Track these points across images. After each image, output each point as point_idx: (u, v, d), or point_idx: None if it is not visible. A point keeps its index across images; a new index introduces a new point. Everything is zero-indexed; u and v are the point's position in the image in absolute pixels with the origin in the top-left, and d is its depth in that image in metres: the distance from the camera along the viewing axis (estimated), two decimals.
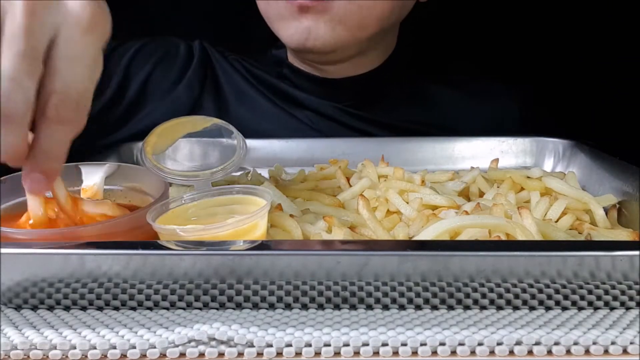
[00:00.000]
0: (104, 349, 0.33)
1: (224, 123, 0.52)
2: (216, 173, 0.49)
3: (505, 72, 0.95)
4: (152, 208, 0.42)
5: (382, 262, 0.34)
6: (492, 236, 0.43)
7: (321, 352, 0.33)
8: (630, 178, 0.53)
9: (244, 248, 0.35)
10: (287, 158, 0.70)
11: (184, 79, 0.81)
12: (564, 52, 1.01)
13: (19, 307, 0.38)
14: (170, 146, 0.50)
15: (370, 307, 0.37)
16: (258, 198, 0.45)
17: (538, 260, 0.34)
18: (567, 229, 0.48)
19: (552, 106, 0.92)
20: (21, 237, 0.40)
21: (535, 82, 0.96)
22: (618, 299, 0.36)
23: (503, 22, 1.01)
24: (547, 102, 0.92)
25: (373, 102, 0.80)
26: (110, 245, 0.36)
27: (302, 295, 0.36)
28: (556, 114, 0.89)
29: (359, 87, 0.79)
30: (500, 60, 1.02)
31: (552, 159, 0.69)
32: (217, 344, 0.33)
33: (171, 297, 0.36)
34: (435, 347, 0.33)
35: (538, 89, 0.92)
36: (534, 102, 0.89)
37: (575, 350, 0.33)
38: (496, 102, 0.85)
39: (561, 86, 0.96)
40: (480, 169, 0.60)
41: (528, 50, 1.02)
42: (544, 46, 1.02)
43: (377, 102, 0.80)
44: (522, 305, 0.37)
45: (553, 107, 0.92)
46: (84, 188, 0.50)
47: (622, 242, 0.44)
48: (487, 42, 1.03)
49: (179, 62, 0.82)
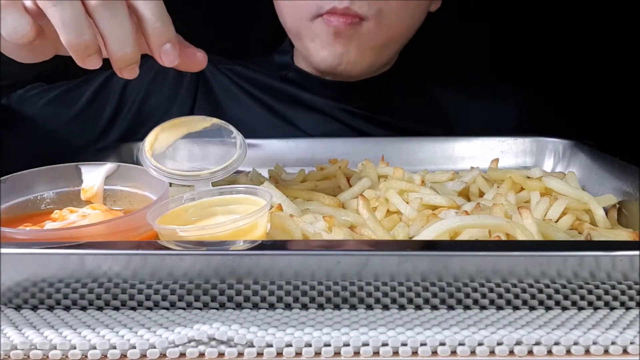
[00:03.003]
0: (104, 349, 0.33)
1: (223, 123, 0.52)
2: (216, 173, 0.49)
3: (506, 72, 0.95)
4: (152, 208, 0.42)
5: (382, 262, 0.34)
6: (492, 236, 0.43)
7: (321, 352, 0.33)
8: (630, 178, 0.53)
9: (244, 248, 0.35)
10: (287, 158, 0.70)
11: (178, 96, 0.82)
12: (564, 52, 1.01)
13: (19, 307, 0.37)
14: (170, 146, 0.50)
15: (370, 307, 0.37)
16: (258, 198, 0.45)
17: (538, 260, 0.34)
18: (567, 229, 0.48)
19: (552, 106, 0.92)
20: (21, 237, 0.40)
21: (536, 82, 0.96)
22: (618, 299, 0.36)
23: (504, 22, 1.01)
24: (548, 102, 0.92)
25: (382, 103, 0.80)
26: (110, 245, 0.36)
27: (302, 295, 0.36)
28: (556, 114, 0.89)
29: (369, 89, 0.79)
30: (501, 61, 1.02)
31: (552, 159, 0.69)
32: (217, 344, 0.33)
33: (171, 297, 0.36)
34: (435, 347, 0.33)
35: (538, 89, 0.92)
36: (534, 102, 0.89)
37: (575, 350, 0.33)
38: (496, 102, 0.85)
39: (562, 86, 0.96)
40: (480, 169, 0.60)
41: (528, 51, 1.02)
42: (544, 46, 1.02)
43: (385, 103, 0.81)
44: (522, 305, 0.37)
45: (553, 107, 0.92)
46: (83, 188, 0.50)
47: (622, 242, 0.44)
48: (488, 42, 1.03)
49: (170, 80, 0.82)
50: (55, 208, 0.48)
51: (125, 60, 0.43)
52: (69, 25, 0.40)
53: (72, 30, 0.41)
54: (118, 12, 0.41)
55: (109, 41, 0.42)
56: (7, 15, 0.40)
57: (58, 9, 0.40)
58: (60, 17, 0.40)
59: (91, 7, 0.41)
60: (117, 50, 0.42)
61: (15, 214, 0.47)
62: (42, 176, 0.49)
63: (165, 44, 0.44)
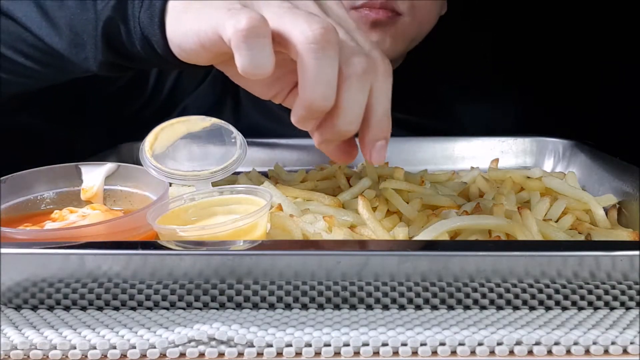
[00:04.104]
0: (104, 349, 0.33)
1: (223, 123, 0.52)
2: (216, 173, 0.49)
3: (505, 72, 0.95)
4: (152, 208, 0.42)
5: (382, 262, 0.34)
6: (492, 236, 0.43)
7: (321, 352, 0.33)
8: (630, 178, 0.53)
9: (244, 248, 0.35)
10: (287, 158, 0.70)
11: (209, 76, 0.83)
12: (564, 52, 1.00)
13: (19, 307, 0.37)
14: (170, 146, 0.50)
15: (370, 307, 0.37)
16: (258, 198, 0.45)
17: (538, 260, 0.34)
18: (567, 229, 0.48)
19: (552, 106, 0.92)
20: (21, 237, 0.40)
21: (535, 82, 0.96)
22: (618, 299, 0.36)
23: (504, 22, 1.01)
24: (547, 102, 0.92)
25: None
26: (110, 245, 0.36)
27: (302, 295, 0.36)
28: (556, 114, 0.89)
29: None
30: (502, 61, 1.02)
31: (552, 159, 0.69)
32: (217, 344, 0.33)
33: (171, 297, 0.36)
34: (435, 347, 0.33)
35: (538, 89, 0.92)
36: (534, 102, 0.89)
37: (575, 350, 0.33)
38: (497, 102, 0.85)
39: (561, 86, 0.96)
40: (480, 169, 0.60)
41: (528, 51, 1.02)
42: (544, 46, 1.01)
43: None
44: (522, 305, 0.37)
45: (553, 107, 0.92)
46: (83, 188, 0.50)
47: (622, 242, 0.44)
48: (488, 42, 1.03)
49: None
50: (55, 208, 0.48)
51: (345, 133, 0.41)
52: (320, 84, 0.38)
53: (320, 90, 0.38)
54: (365, 90, 0.40)
55: (343, 115, 0.39)
56: (255, 50, 0.37)
57: (320, 63, 0.37)
58: (315, 73, 0.37)
59: (345, 75, 0.39)
60: (345, 126, 0.40)
61: (15, 214, 0.47)
62: (42, 176, 0.49)
63: (380, 140, 0.42)
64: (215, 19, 0.38)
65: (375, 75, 0.40)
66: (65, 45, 0.49)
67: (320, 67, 0.37)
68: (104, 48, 0.48)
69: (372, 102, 0.41)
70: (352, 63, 0.39)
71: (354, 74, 0.39)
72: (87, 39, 0.48)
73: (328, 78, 0.38)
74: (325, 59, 0.37)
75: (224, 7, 0.38)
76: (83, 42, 0.48)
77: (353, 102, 0.39)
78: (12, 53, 0.52)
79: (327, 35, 0.37)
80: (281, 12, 0.38)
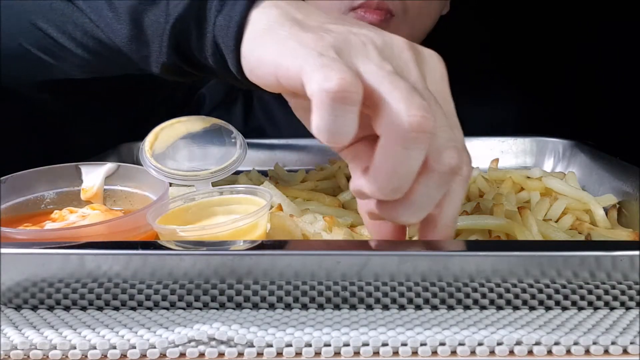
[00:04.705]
0: (104, 349, 0.33)
1: (223, 123, 0.52)
2: (216, 173, 0.49)
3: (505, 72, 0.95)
4: (152, 208, 0.42)
5: (382, 262, 0.34)
6: (492, 236, 0.43)
7: (321, 352, 0.33)
8: (630, 178, 0.53)
9: (244, 248, 0.35)
10: (287, 158, 0.70)
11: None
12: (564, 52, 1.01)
13: (19, 307, 0.37)
14: (170, 146, 0.50)
15: (370, 307, 0.37)
16: (258, 198, 0.45)
17: (538, 260, 0.34)
18: (567, 229, 0.48)
19: (552, 106, 0.92)
20: (21, 237, 0.40)
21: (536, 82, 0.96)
22: (618, 299, 0.36)
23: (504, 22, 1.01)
24: (547, 102, 0.92)
25: None
26: (110, 245, 0.36)
27: (302, 295, 0.36)
28: (556, 114, 0.89)
29: None
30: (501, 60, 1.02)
31: (552, 159, 0.69)
32: (217, 344, 0.33)
33: (171, 297, 0.36)
34: (435, 347, 0.33)
35: (538, 89, 0.92)
36: (534, 102, 0.89)
37: (576, 350, 0.33)
38: (497, 102, 0.85)
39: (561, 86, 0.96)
40: (480, 169, 0.60)
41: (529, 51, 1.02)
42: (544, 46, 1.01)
43: None
44: (522, 305, 0.37)
45: (553, 107, 0.92)
46: (83, 188, 0.50)
47: (622, 242, 0.44)
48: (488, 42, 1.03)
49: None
50: (55, 208, 0.48)
51: (403, 222, 0.37)
52: (398, 177, 0.33)
53: (396, 182, 0.33)
54: (443, 190, 0.35)
55: (410, 206, 0.34)
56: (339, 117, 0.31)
57: (407, 154, 0.32)
58: (397, 164, 0.32)
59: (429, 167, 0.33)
60: (407, 217, 0.35)
61: (15, 214, 0.47)
62: (42, 176, 0.49)
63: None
64: (301, 61, 0.32)
65: (459, 177, 0.35)
66: (125, 40, 0.44)
67: (404, 159, 0.32)
68: (170, 50, 0.42)
69: (444, 203, 0.36)
70: (442, 157, 0.34)
71: (439, 171, 0.34)
72: (152, 37, 0.43)
73: (409, 171, 0.33)
74: (414, 150, 0.32)
75: (314, 49, 0.33)
76: (146, 39, 0.43)
77: (427, 198, 0.34)
78: (63, 37, 0.47)
79: (424, 124, 0.31)
80: (380, 76, 0.33)
